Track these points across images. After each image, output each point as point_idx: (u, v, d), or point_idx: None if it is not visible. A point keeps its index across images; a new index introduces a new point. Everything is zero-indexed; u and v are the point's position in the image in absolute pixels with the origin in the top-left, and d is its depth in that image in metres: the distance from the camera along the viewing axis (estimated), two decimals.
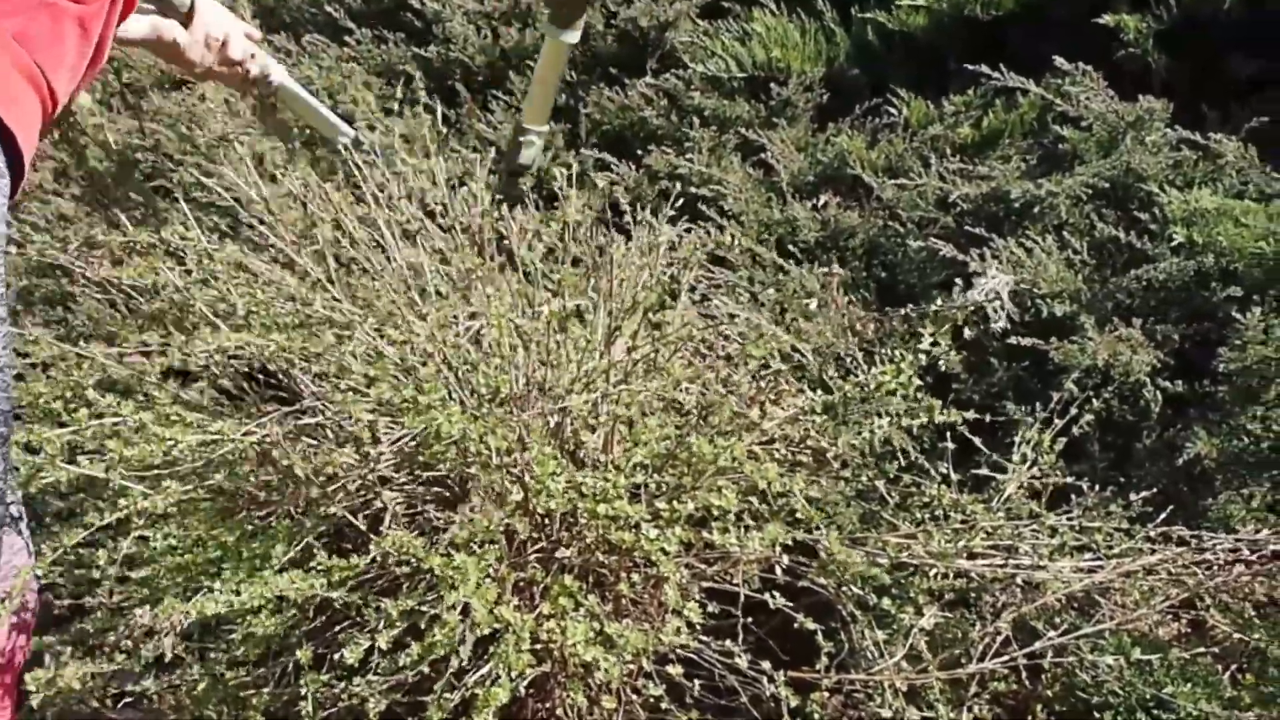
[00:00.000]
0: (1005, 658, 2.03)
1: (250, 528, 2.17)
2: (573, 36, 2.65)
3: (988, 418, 2.31)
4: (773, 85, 3.13)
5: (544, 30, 2.69)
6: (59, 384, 2.34)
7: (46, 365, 2.55)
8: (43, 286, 4.17)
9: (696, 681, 2.08)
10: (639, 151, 3.22)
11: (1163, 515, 2.12)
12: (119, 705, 2.93)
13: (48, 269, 4.02)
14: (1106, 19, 2.70)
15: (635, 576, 2.11)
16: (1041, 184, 2.56)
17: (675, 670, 2.03)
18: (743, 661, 2.01)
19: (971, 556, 2.10)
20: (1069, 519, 2.17)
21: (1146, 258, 2.44)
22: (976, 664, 2.02)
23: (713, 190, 2.95)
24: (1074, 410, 2.28)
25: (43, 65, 1.60)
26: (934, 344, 2.24)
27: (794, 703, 2.00)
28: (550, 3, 2.65)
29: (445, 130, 3.67)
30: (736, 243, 2.63)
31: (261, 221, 2.48)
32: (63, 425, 2.22)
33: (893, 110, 2.96)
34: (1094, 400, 2.29)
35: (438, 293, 2.20)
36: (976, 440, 2.25)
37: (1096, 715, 2.00)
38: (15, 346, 2.94)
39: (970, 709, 2.05)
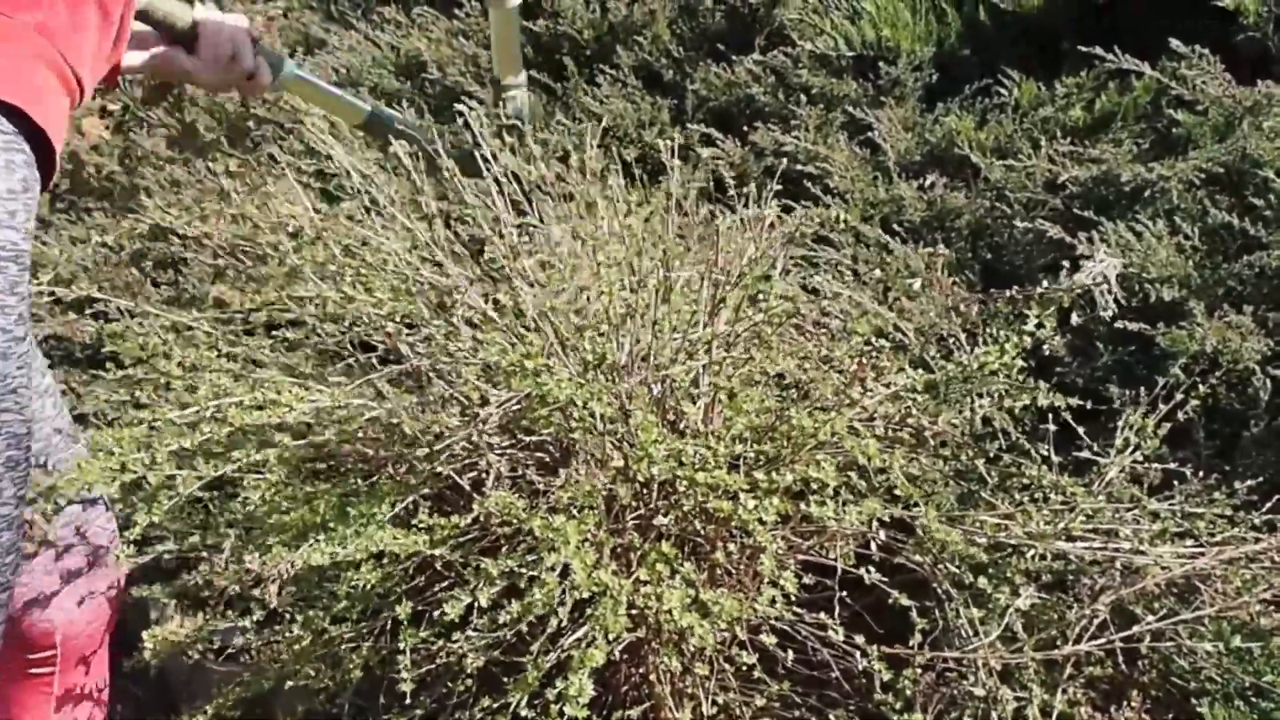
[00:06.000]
0: (1102, 641, 2.02)
1: (355, 485, 2.22)
2: (513, 0, 2.87)
3: (1089, 404, 2.29)
4: (881, 64, 3.12)
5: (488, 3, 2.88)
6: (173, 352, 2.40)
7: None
8: (155, 250, 4.28)
9: (790, 652, 2.10)
10: (744, 128, 3.23)
11: (1269, 504, 2.09)
12: (220, 658, 3.02)
13: (160, 233, 4.13)
14: (1225, 1, 2.65)
15: (731, 546, 2.12)
16: (1153, 168, 2.52)
17: (769, 640, 2.05)
18: (837, 634, 2.02)
19: (1070, 539, 2.09)
20: (1171, 505, 2.15)
21: (1260, 244, 2.39)
22: (1072, 646, 2.02)
23: (818, 168, 2.95)
24: (1179, 396, 2.24)
25: (68, 56, 1.59)
26: (1039, 326, 2.22)
27: (887, 677, 2.00)
28: None
29: (552, 103, 3.72)
30: (843, 220, 2.62)
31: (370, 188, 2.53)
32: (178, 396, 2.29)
33: (1003, 91, 2.93)
34: (1200, 386, 2.26)
35: (545, 263, 2.23)
36: (1077, 424, 2.24)
37: (1194, 702, 1.99)
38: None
39: (1065, 691, 2.04)
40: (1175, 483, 2.21)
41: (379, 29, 4.64)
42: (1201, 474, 2.21)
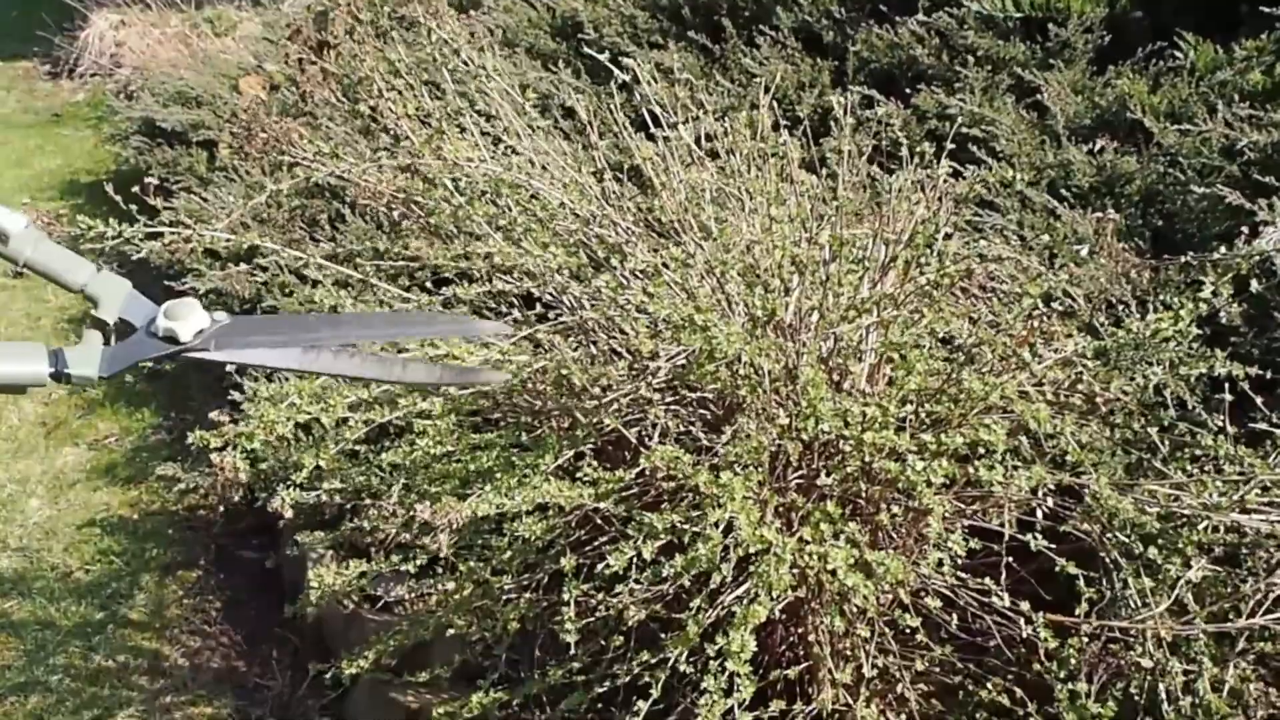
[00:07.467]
0: (1278, 615, 1.96)
1: (519, 436, 2.24)
2: None
3: (1268, 374, 2.22)
4: (1051, 26, 3.06)
5: None
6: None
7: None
8: (312, 207, 4.38)
9: (954, 616, 2.07)
10: (907, 90, 3.19)
11: None
12: (375, 608, 3.08)
13: (316, 190, 4.22)
14: None
15: (895, 508, 2.11)
16: None
17: (933, 603, 2.03)
18: (1002, 600, 1.99)
19: (1245, 511, 2.03)
20: None
21: None
22: (1246, 620, 1.96)
23: (984, 131, 2.90)
24: None
25: None
26: (1215, 294, 2.15)
27: (1052, 645, 1.98)
28: None
29: (710, 65, 3.71)
30: (1018, 179, 2.57)
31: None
32: None
33: (1178, 54, 2.85)
34: None
35: (717, 218, 2.23)
36: (1255, 395, 2.17)
37: None
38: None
39: (1236, 666, 1.99)
40: None
41: None
42: None
